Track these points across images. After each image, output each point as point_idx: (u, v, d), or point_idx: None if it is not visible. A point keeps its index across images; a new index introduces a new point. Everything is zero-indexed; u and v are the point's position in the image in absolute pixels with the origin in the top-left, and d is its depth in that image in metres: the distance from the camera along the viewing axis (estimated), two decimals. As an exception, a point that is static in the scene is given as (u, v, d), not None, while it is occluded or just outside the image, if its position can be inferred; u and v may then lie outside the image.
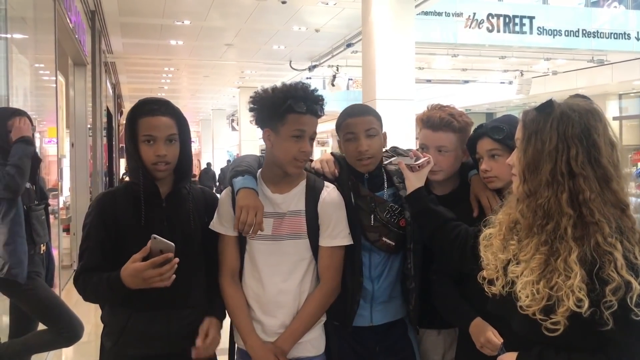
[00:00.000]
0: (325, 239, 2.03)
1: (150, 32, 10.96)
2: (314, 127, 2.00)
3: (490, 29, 10.07)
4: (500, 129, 2.02)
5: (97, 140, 9.09)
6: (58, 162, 6.28)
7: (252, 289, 2.05)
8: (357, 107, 2.29)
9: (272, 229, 2.02)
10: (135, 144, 1.93)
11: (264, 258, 2.03)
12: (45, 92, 5.76)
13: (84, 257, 1.95)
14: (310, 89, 2.00)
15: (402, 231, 2.14)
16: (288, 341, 1.99)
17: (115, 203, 1.97)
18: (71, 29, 6.58)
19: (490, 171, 2.03)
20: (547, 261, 1.37)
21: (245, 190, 1.99)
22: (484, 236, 1.60)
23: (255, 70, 15.43)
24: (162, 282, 1.81)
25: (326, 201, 2.05)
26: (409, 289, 2.14)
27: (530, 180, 1.41)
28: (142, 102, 1.96)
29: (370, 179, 2.18)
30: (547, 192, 1.38)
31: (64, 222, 7.18)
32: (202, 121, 29.95)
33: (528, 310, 1.36)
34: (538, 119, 1.43)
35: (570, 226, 1.35)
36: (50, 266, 3.42)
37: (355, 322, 2.12)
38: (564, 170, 1.37)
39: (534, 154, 1.41)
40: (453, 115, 2.16)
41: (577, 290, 1.30)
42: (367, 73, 7.50)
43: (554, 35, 10.48)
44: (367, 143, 2.11)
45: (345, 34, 10.76)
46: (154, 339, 1.94)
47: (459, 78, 15.87)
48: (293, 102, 1.93)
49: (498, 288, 1.48)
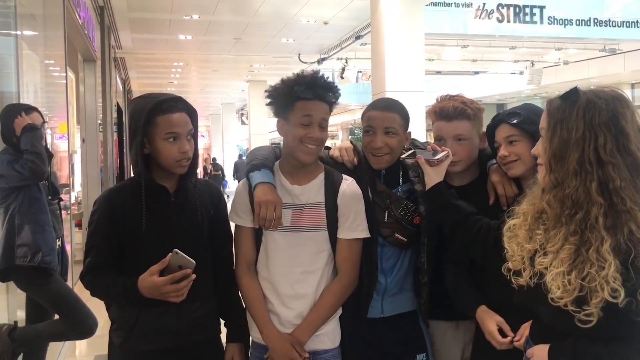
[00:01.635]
0: (344, 232, 2.03)
1: (159, 27, 10.97)
2: (322, 113, 1.98)
3: (501, 19, 9.96)
4: (517, 113, 2.00)
5: (107, 135, 9.12)
6: (69, 158, 6.31)
7: (268, 280, 2.05)
8: (384, 101, 2.27)
9: (290, 220, 2.02)
10: (150, 142, 1.90)
11: (283, 249, 2.02)
12: (56, 88, 5.78)
13: (90, 254, 1.95)
14: (319, 76, 2.00)
15: (415, 228, 2.13)
16: (305, 332, 1.99)
17: (121, 200, 1.96)
18: (80, 24, 6.59)
19: (509, 156, 2.00)
20: (578, 251, 1.35)
21: (263, 186, 1.99)
22: (507, 227, 1.59)
23: (264, 64, 15.41)
24: (178, 298, 1.85)
25: (346, 193, 2.04)
26: (421, 282, 2.14)
27: (557, 170, 1.40)
28: (157, 100, 1.90)
29: (386, 174, 2.17)
30: (575, 182, 1.37)
31: (76, 218, 7.22)
32: (212, 115, 29.99)
33: (559, 302, 1.35)
34: (563, 108, 1.41)
35: (601, 215, 1.34)
36: (64, 261, 3.46)
37: (367, 314, 2.13)
38: (592, 158, 1.36)
39: (560, 143, 1.39)
40: (465, 103, 2.14)
41: (612, 281, 1.29)
42: (377, 65, 7.47)
43: (565, 25, 10.35)
44: (382, 140, 2.09)
45: (354, 26, 10.70)
46: (164, 334, 1.95)
47: (469, 69, 15.77)
48: (299, 88, 1.93)
49: (525, 279, 1.46)
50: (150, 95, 1.93)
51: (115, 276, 1.92)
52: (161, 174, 1.96)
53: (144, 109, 1.88)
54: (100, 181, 8.56)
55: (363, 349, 2.15)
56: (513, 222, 1.58)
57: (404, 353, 2.18)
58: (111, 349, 2.06)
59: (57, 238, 3.34)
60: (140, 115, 1.88)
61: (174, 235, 1.95)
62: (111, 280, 1.91)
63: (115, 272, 1.93)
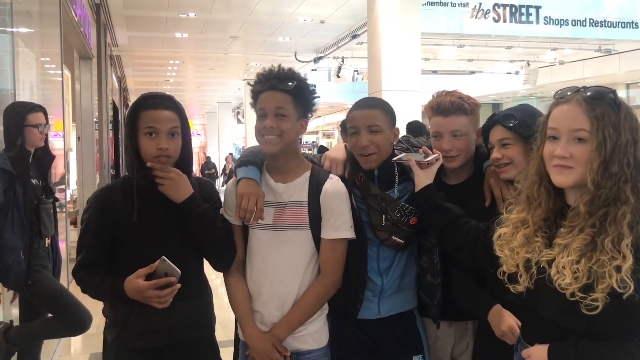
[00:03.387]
0: (327, 231, 2.01)
1: (155, 24, 10.95)
2: (277, 102, 1.97)
3: (497, 19, 9.97)
4: (513, 116, 1.99)
5: (103, 133, 9.10)
6: (65, 156, 6.30)
7: (252, 279, 2.05)
8: (365, 100, 2.27)
9: (273, 218, 2.02)
10: (135, 138, 1.93)
11: (265, 247, 2.02)
12: (52, 86, 5.76)
13: (81, 252, 1.97)
14: (278, 69, 2.01)
15: (411, 229, 2.12)
16: (282, 330, 1.98)
17: (113, 198, 1.98)
18: (76, 22, 6.57)
19: (502, 159, 2.00)
20: (592, 241, 1.39)
21: (245, 180, 2.01)
22: (497, 236, 1.62)
23: (260, 62, 15.36)
24: (160, 304, 1.86)
25: (328, 192, 2.02)
26: (433, 284, 2.13)
27: (601, 173, 1.42)
28: (144, 96, 1.96)
29: (380, 175, 2.15)
30: (611, 183, 1.41)
31: (72, 216, 7.20)
32: (208, 114, 29.89)
33: (567, 290, 1.37)
34: (608, 111, 1.44)
35: (629, 213, 1.38)
36: (57, 259, 3.44)
37: (362, 315, 2.12)
38: (631, 161, 1.42)
39: (611, 147, 1.42)
40: (462, 98, 2.14)
41: (625, 273, 1.32)
42: (373, 64, 7.48)
43: (561, 25, 10.36)
44: (367, 138, 2.07)
45: (350, 25, 10.71)
46: (156, 332, 1.96)
47: (465, 69, 15.79)
48: (256, 84, 2.01)
49: (523, 284, 1.49)
50: (145, 93, 1.98)
51: (104, 275, 1.93)
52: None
53: (133, 104, 1.96)
54: (96, 179, 8.54)
55: (357, 351, 2.14)
56: (503, 231, 1.61)
57: (400, 354, 2.16)
58: (105, 346, 2.07)
59: (46, 237, 3.30)
60: (129, 111, 1.95)
61: (164, 233, 1.96)
62: (100, 279, 1.93)
63: (105, 270, 1.95)
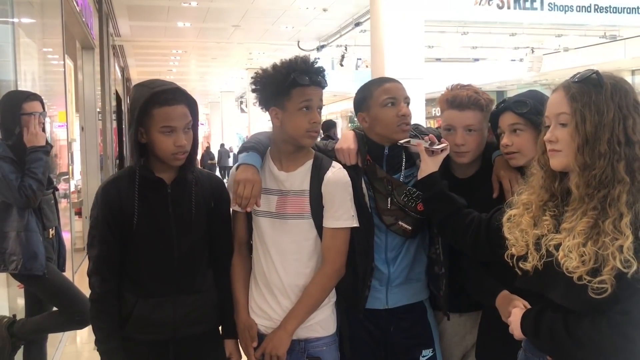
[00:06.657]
0: (329, 220, 2.00)
1: (157, 14, 10.91)
2: (319, 97, 1.98)
3: (501, 5, 9.88)
4: (524, 102, 1.96)
5: (106, 123, 9.10)
6: (68, 146, 6.30)
7: (259, 269, 2.06)
8: (388, 77, 2.25)
9: (275, 206, 2.02)
10: (148, 134, 1.88)
11: (268, 234, 2.03)
12: (54, 76, 5.75)
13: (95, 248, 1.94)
14: (311, 61, 1.98)
15: (420, 215, 2.08)
16: (291, 322, 1.99)
17: (118, 190, 1.95)
18: (78, 12, 6.55)
19: (512, 146, 1.97)
20: (595, 225, 1.39)
21: (244, 166, 2.00)
22: (507, 217, 1.61)
23: (263, 51, 15.35)
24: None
25: (330, 181, 2.01)
26: (438, 274, 2.11)
27: (587, 153, 1.42)
28: (155, 91, 1.86)
29: (388, 159, 2.14)
30: (602, 162, 1.40)
31: (76, 206, 7.23)
32: (211, 103, 29.91)
33: (574, 274, 1.37)
34: (589, 92, 1.43)
35: (625, 192, 1.37)
36: (61, 250, 3.44)
37: (370, 304, 2.10)
38: (622, 139, 1.40)
39: (592, 126, 1.41)
40: (478, 93, 2.11)
41: (627, 252, 1.32)
42: (376, 52, 7.43)
43: (566, 11, 10.26)
44: (407, 109, 2.09)
45: (353, 13, 10.66)
46: (160, 325, 1.95)
47: (469, 56, 15.72)
48: (296, 75, 1.91)
49: (532, 262, 1.48)
50: (150, 84, 1.89)
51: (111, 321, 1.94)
52: (159, 164, 1.94)
53: (140, 98, 1.85)
54: (100, 169, 8.55)
55: (365, 341, 2.13)
56: (513, 212, 1.60)
57: (409, 347, 2.14)
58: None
59: (50, 228, 3.29)
60: (136, 105, 1.85)
61: (170, 227, 1.95)
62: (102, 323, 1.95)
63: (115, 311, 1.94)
